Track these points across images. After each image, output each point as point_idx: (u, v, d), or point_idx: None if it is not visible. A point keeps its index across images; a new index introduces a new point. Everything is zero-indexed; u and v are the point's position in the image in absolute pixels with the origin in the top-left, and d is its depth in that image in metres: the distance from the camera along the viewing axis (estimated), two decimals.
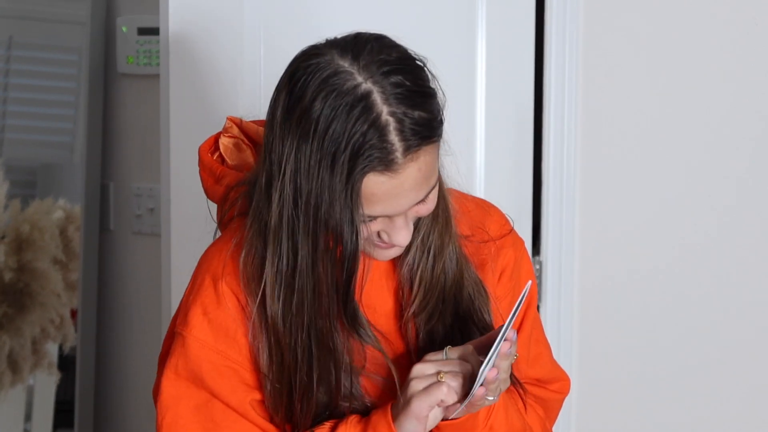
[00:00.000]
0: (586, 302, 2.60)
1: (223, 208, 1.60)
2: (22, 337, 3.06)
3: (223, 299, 1.51)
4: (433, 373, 1.44)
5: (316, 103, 1.37)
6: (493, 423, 1.52)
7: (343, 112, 1.36)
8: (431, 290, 1.54)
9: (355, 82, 1.37)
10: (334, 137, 1.35)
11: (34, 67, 3.19)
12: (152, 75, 2.78)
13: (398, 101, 1.37)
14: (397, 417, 1.46)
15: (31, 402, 3.14)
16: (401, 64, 1.40)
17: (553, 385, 1.69)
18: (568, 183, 2.59)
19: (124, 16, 2.88)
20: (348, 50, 1.40)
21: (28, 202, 3.11)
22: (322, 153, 1.36)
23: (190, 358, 1.51)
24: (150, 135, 2.81)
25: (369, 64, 1.38)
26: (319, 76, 1.38)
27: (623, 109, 2.55)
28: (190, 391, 1.51)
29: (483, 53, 2.51)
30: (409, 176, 1.39)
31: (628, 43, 2.54)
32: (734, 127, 2.47)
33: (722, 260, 2.50)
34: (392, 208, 1.41)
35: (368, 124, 1.36)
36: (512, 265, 1.64)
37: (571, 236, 2.60)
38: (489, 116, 2.52)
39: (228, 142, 1.66)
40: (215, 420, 1.51)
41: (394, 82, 1.38)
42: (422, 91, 1.40)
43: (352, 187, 1.37)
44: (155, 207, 2.81)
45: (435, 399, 1.43)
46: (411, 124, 1.37)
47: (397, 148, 1.37)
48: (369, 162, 1.36)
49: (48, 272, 3.05)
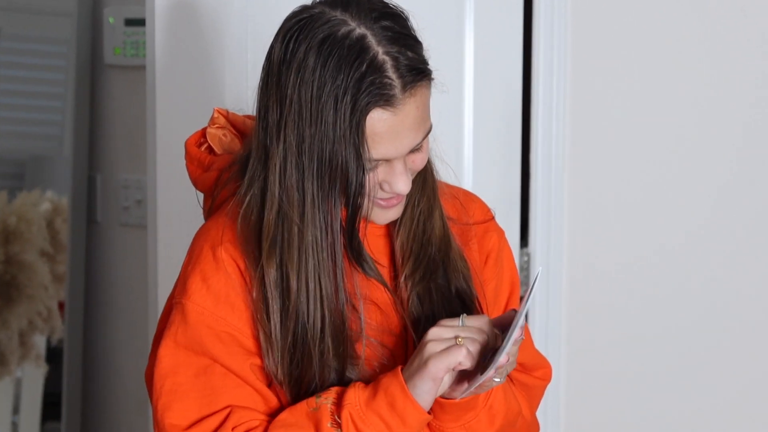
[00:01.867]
0: (574, 294, 2.60)
1: (215, 191, 1.61)
2: (10, 330, 3.05)
3: (222, 266, 1.52)
4: (451, 336, 1.46)
5: (312, 50, 1.43)
6: (492, 402, 1.54)
7: (341, 56, 1.43)
8: (422, 252, 1.57)
9: (348, 27, 1.44)
10: (335, 80, 1.42)
11: (22, 59, 3.18)
12: (139, 66, 2.77)
13: (390, 42, 1.45)
14: (411, 378, 1.46)
15: (19, 394, 3.14)
16: (388, 9, 1.49)
17: (537, 371, 1.70)
18: (556, 175, 2.59)
19: (111, 7, 2.88)
20: (337, 3, 1.47)
21: (16, 194, 3.10)
22: (325, 97, 1.42)
23: (190, 324, 1.51)
24: (137, 126, 2.81)
25: (359, 12, 1.46)
26: (312, 26, 1.45)
27: (611, 102, 2.55)
28: (189, 359, 1.51)
29: (471, 47, 2.50)
30: (409, 113, 1.45)
31: (617, 36, 2.54)
32: (722, 122, 2.47)
33: (709, 254, 2.50)
34: (394, 148, 1.46)
35: (366, 64, 1.42)
36: (497, 250, 1.67)
37: (559, 229, 2.60)
38: (477, 109, 2.51)
39: (216, 132, 1.67)
40: (214, 386, 1.51)
41: (384, 25, 1.46)
42: (410, 35, 1.49)
43: (357, 124, 1.43)
44: (142, 199, 2.81)
45: (454, 361, 1.44)
46: (405, 61, 1.45)
47: (396, 84, 1.44)
48: (372, 98, 1.43)
49: (35, 264, 3.04)
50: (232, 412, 1.50)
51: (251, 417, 1.50)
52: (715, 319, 2.50)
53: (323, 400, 1.49)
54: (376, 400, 1.47)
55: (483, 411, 1.53)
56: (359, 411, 1.47)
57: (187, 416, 1.50)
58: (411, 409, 1.46)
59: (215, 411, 1.50)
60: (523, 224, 2.62)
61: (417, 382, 1.46)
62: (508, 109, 2.56)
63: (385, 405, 1.47)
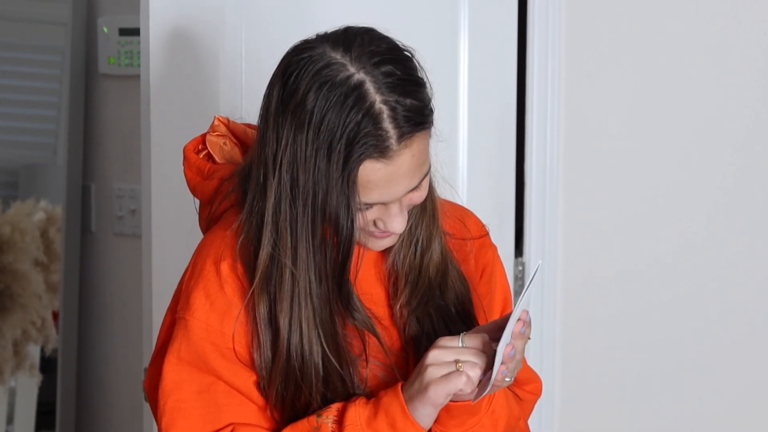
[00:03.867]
0: (569, 303, 2.60)
1: (215, 201, 1.61)
2: (4, 339, 3.05)
3: (225, 282, 1.51)
4: (451, 361, 1.45)
5: (310, 94, 1.41)
6: (495, 407, 1.53)
7: (338, 103, 1.40)
8: (419, 280, 1.57)
9: (347, 72, 1.42)
10: (330, 127, 1.40)
11: (16, 68, 3.18)
12: (134, 75, 2.77)
13: (390, 90, 1.42)
14: (411, 400, 1.46)
15: (13, 404, 3.13)
16: (391, 54, 1.45)
17: (528, 386, 1.70)
18: (551, 184, 2.59)
19: (106, 16, 2.87)
20: (339, 43, 1.45)
21: (10, 204, 3.10)
22: (319, 143, 1.40)
23: (193, 341, 1.51)
24: (132, 136, 2.81)
25: (360, 56, 1.43)
26: (312, 68, 1.42)
27: (606, 109, 2.56)
28: (193, 375, 1.51)
29: (465, 53, 2.51)
30: (403, 163, 1.43)
31: (611, 44, 2.54)
32: (718, 126, 2.47)
33: (704, 263, 2.50)
34: (388, 194, 1.45)
35: (362, 113, 1.40)
36: (491, 266, 1.67)
37: (554, 237, 2.59)
38: (472, 117, 2.51)
39: (217, 140, 1.67)
40: (218, 404, 1.50)
41: (385, 71, 1.42)
42: (412, 79, 1.45)
43: (348, 175, 1.41)
44: (137, 208, 2.80)
45: (454, 388, 1.44)
46: (404, 111, 1.42)
47: (392, 135, 1.41)
48: (365, 149, 1.40)
49: (29, 274, 3.04)
50: (235, 428, 1.50)
51: None
52: (710, 327, 2.50)
53: (324, 419, 1.49)
54: (377, 421, 1.47)
55: (486, 415, 1.53)
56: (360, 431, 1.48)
57: None
58: (412, 429, 1.46)
59: (219, 428, 1.50)
60: (518, 233, 2.62)
61: (417, 406, 1.46)
62: (503, 116, 2.57)
63: (386, 426, 1.47)
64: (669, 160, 2.51)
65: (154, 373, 1.56)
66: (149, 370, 1.58)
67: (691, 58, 2.48)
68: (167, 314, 1.58)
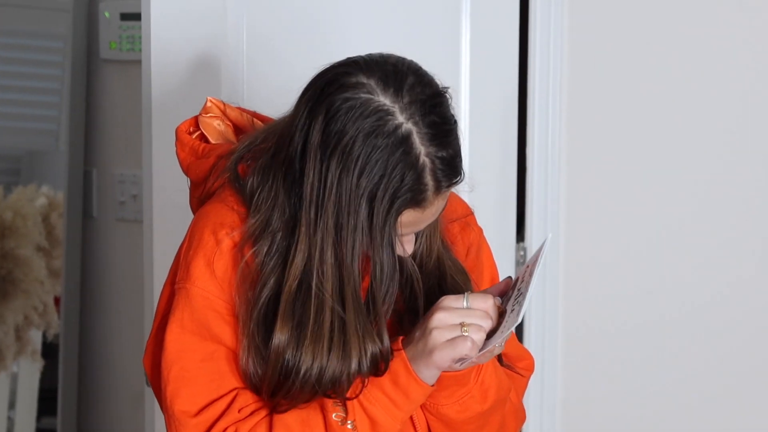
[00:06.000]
0: (571, 289, 2.61)
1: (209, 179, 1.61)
2: (6, 325, 3.05)
3: (224, 250, 1.52)
4: (457, 324, 1.46)
5: (358, 140, 1.42)
6: (484, 378, 1.53)
7: (385, 152, 1.42)
8: (421, 279, 1.57)
9: (396, 121, 1.43)
10: (377, 174, 1.42)
11: (18, 54, 3.17)
12: (135, 61, 2.77)
13: (431, 141, 1.44)
14: (414, 361, 1.48)
15: (15, 389, 3.14)
16: (436, 101, 1.47)
17: (520, 363, 1.70)
18: (552, 170, 2.59)
19: (107, 1, 2.88)
20: (389, 84, 1.45)
21: (12, 189, 3.10)
22: (363, 188, 1.43)
23: (196, 308, 1.51)
24: (133, 121, 2.80)
25: (410, 104, 1.44)
26: (361, 113, 1.43)
27: (608, 98, 2.56)
28: (196, 344, 1.51)
29: (467, 50, 2.50)
30: (433, 208, 1.47)
31: (613, 39, 2.54)
32: (718, 123, 2.48)
33: (705, 250, 2.51)
34: (411, 230, 1.49)
35: (408, 167, 1.43)
36: (477, 244, 1.68)
37: (555, 223, 2.60)
38: (474, 107, 2.51)
39: (210, 120, 1.68)
40: (222, 371, 1.51)
41: (430, 122, 1.44)
42: (451, 128, 1.47)
43: (390, 225, 1.44)
44: (138, 193, 2.81)
45: (459, 353, 1.45)
46: (441, 165, 1.44)
47: (430, 188, 1.45)
48: (405, 202, 1.44)
49: (31, 259, 3.04)
50: (239, 394, 1.51)
51: (257, 398, 1.51)
52: (711, 313, 2.51)
53: None
54: (379, 379, 1.49)
55: (475, 386, 1.53)
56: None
57: (196, 402, 1.50)
58: (415, 385, 1.48)
59: (223, 394, 1.50)
60: (519, 219, 2.63)
61: (422, 368, 1.47)
62: (505, 106, 2.56)
63: (389, 382, 1.48)
64: (670, 150, 2.51)
65: (156, 347, 1.56)
66: (149, 345, 1.59)
67: (693, 56, 2.48)
68: (165, 287, 1.58)
